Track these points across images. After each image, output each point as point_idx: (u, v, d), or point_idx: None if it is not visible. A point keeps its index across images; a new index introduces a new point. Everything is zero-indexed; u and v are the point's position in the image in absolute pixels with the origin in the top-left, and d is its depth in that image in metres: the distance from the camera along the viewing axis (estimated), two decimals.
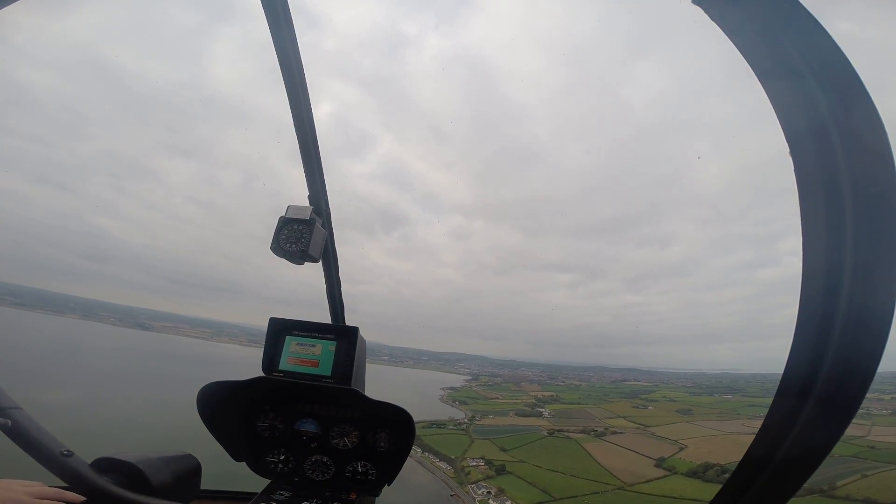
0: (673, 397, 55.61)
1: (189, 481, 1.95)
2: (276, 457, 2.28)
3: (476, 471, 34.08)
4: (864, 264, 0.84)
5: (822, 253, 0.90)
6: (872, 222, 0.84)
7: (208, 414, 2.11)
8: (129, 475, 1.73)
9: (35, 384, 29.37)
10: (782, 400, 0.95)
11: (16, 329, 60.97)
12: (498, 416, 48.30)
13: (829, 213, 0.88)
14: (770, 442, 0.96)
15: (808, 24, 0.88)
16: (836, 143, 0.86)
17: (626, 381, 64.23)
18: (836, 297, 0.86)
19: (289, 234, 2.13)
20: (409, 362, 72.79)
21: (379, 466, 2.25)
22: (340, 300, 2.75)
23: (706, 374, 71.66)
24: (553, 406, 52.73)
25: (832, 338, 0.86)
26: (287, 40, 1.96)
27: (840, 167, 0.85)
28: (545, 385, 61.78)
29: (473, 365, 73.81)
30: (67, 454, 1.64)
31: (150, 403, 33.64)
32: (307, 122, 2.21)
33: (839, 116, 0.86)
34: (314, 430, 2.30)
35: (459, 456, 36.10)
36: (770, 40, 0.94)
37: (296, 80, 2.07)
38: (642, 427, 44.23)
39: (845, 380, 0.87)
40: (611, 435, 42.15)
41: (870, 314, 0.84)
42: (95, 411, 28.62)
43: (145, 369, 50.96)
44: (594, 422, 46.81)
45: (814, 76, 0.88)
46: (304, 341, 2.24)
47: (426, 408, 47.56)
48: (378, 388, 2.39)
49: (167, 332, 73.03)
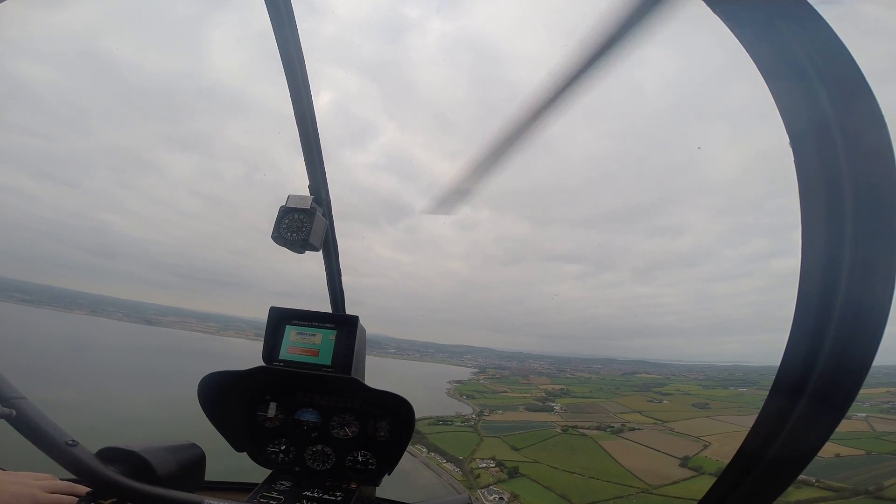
0: (687, 390, 53.48)
1: (194, 471, 1.93)
2: (276, 447, 2.26)
3: (486, 473, 30.94)
4: (862, 263, 0.84)
5: (820, 250, 0.89)
6: (872, 221, 0.84)
7: (209, 404, 2.08)
8: (134, 465, 1.72)
9: (34, 380, 27.78)
10: (776, 396, 0.95)
11: (21, 325, 61.01)
12: (507, 411, 45.65)
13: (829, 210, 0.87)
14: (763, 438, 0.96)
15: (812, 19, 0.88)
16: (837, 141, 0.85)
17: (637, 374, 62.71)
18: (834, 294, 0.86)
19: (290, 224, 2.12)
20: (416, 355, 72.30)
21: (379, 456, 2.22)
22: (341, 289, 2.73)
23: (716, 366, 70.81)
24: (564, 400, 50.14)
25: (828, 335, 0.86)
26: (287, 28, 1.94)
27: (841, 165, 0.85)
28: (554, 378, 59.57)
29: (480, 357, 72.42)
30: (72, 444, 1.63)
31: (149, 399, 32.39)
32: (307, 111, 2.20)
33: (841, 114, 0.85)
34: (315, 420, 2.28)
35: (468, 456, 33.08)
36: (773, 37, 0.92)
37: (296, 69, 2.06)
38: (660, 423, 41.58)
39: (839, 376, 0.87)
40: (628, 432, 39.35)
41: (866, 312, 0.84)
42: (96, 408, 27.23)
43: (148, 365, 50.46)
44: (609, 417, 44.24)
45: (817, 73, 0.87)
46: (304, 330, 2.22)
47: (432, 403, 45.38)
48: (383, 381, 2.20)
49: (174, 326, 73.49)
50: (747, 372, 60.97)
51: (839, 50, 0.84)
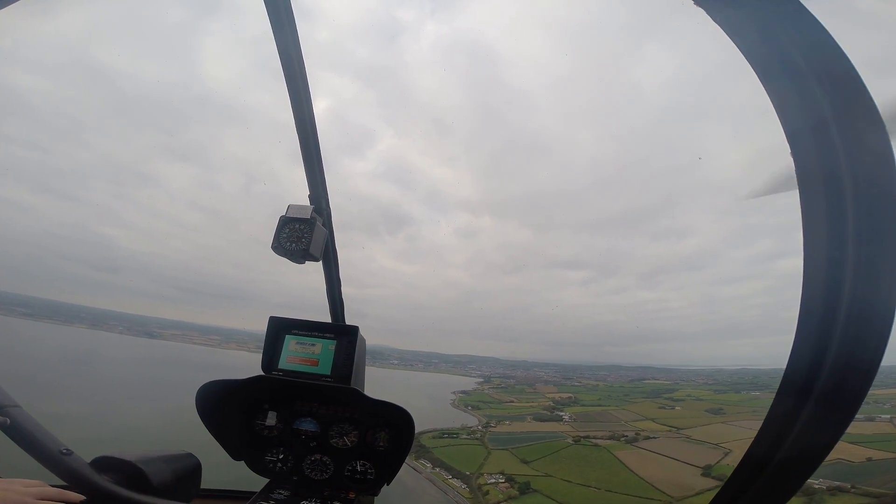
0: (698, 395, 51.14)
1: (189, 480, 1.91)
2: (275, 456, 2.25)
3: (496, 490, 28.48)
4: (865, 263, 0.84)
5: (823, 252, 0.89)
6: (873, 221, 0.84)
7: (207, 413, 2.07)
8: (128, 474, 1.69)
9: (28, 390, 26.19)
10: (783, 399, 0.94)
11: (17, 338, 60.09)
12: (514, 421, 43.53)
13: (830, 211, 0.87)
14: (771, 441, 0.94)
15: (808, 23, 0.88)
16: (836, 142, 0.85)
17: (645, 380, 60.35)
18: (838, 296, 0.85)
19: (290, 234, 2.12)
20: (420, 366, 69.91)
21: (378, 466, 2.22)
22: (340, 299, 2.73)
23: (724, 370, 68.54)
24: (573, 409, 47.91)
25: (833, 337, 0.85)
26: (288, 35, 1.91)
27: (841, 166, 0.85)
28: (561, 386, 57.28)
29: (485, 367, 69.84)
30: (66, 453, 1.59)
31: (147, 410, 30.23)
32: (308, 119, 2.18)
33: (840, 115, 0.85)
34: (313, 430, 2.26)
35: (475, 471, 30.66)
36: (770, 41, 0.93)
37: (297, 76, 2.04)
38: (674, 430, 39.31)
39: (847, 379, 0.86)
40: (643, 440, 36.99)
41: (871, 313, 0.84)
42: (92, 417, 25.10)
43: (146, 375, 48.96)
44: (621, 426, 41.94)
45: (814, 76, 0.87)
46: (303, 340, 2.22)
47: (437, 414, 43.19)
48: (386, 393, 2.15)
49: (175, 339, 72.86)
50: (757, 375, 58.75)
51: (834, 50, 0.83)
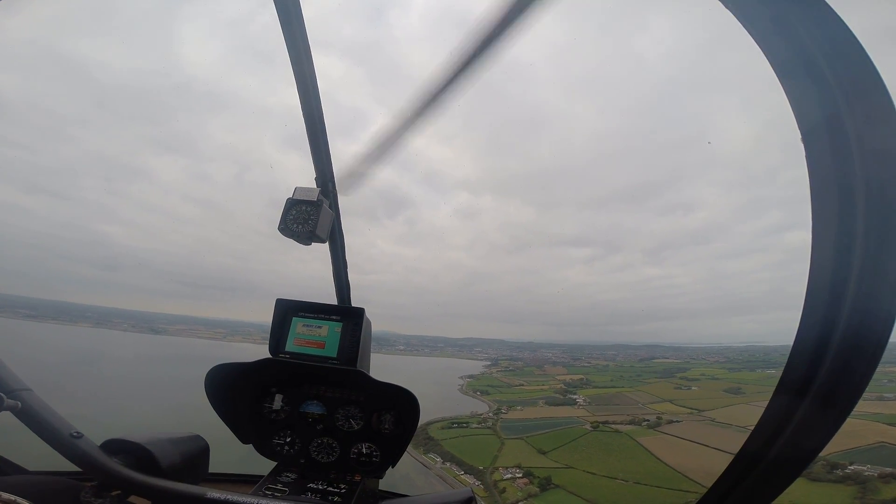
0: (713, 374, 48.23)
1: (198, 462, 1.91)
2: (282, 439, 2.21)
3: (513, 486, 25.49)
4: (872, 263, 0.82)
5: (830, 248, 0.87)
6: (884, 221, 0.82)
7: (216, 396, 2.04)
8: (138, 456, 1.70)
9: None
10: (781, 395, 0.93)
11: (21, 339, 58.22)
12: (527, 406, 40.54)
13: (842, 209, 0.86)
14: (766, 437, 0.94)
15: (827, 15, 0.85)
16: (851, 139, 0.83)
17: (654, 359, 57.52)
18: (842, 294, 0.84)
19: (297, 216, 2.11)
20: (426, 350, 68.03)
21: (383, 448, 2.18)
22: (347, 281, 2.69)
23: (732, 347, 66.24)
24: (586, 391, 44.88)
25: (835, 335, 0.84)
26: (293, 16, 1.89)
27: (854, 163, 0.83)
28: (570, 367, 54.42)
29: (491, 349, 67.65)
30: (77, 436, 1.61)
31: (152, 401, 28.76)
32: (314, 102, 2.14)
33: (856, 112, 0.83)
34: (320, 412, 2.24)
35: (489, 465, 27.83)
36: (786, 32, 0.89)
37: (302, 59, 2.00)
38: (696, 412, 36.36)
39: (844, 377, 0.85)
40: (666, 425, 33.96)
41: (874, 312, 0.83)
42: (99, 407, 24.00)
43: (151, 369, 46.77)
44: (639, 409, 39.17)
45: (832, 71, 0.84)
46: (310, 322, 2.19)
47: (444, 401, 40.43)
48: (392, 379, 2.04)
49: (182, 334, 70.96)
50: (767, 352, 55.97)
51: (853, 44, 0.80)
